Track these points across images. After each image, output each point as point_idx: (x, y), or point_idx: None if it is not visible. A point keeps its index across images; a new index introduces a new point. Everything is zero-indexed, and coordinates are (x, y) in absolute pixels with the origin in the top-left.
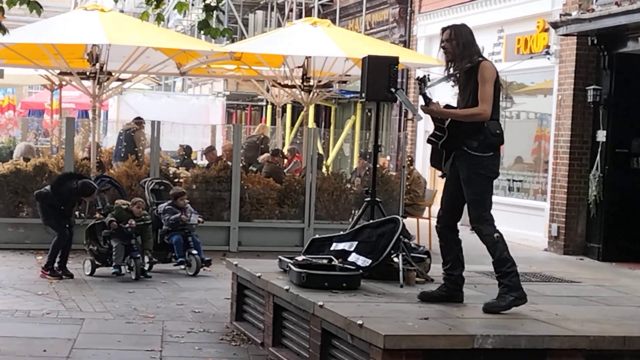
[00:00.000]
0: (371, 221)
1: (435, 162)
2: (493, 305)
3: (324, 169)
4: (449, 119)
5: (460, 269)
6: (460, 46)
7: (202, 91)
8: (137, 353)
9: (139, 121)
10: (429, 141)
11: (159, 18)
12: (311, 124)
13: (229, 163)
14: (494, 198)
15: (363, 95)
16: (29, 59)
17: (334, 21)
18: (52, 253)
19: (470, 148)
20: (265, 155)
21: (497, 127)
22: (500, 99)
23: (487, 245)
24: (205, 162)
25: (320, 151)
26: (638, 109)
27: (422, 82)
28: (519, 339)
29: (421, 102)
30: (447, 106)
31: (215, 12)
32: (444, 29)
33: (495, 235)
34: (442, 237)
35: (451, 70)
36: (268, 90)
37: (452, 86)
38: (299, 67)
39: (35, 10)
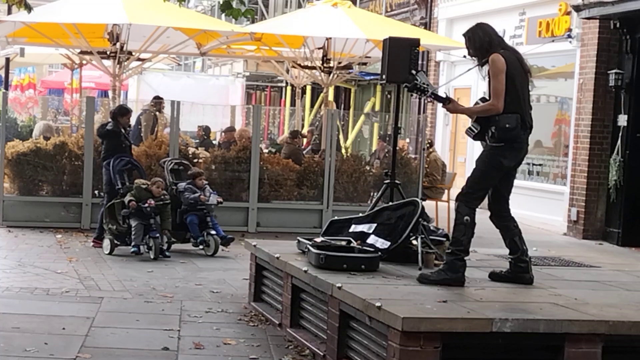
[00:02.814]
0: (390, 203)
1: None
2: (426, 275)
3: (342, 151)
4: None
5: (518, 252)
6: (477, 49)
7: (221, 72)
8: (156, 332)
9: (156, 101)
10: (466, 133)
11: None
12: (331, 105)
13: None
14: (515, 182)
15: (383, 77)
16: (50, 38)
17: (354, 2)
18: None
19: (488, 138)
20: (284, 136)
21: (509, 121)
22: (524, 92)
23: (455, 221)
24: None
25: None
26: None
27: (419, 89)
28: (538, 323)
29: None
30: (484, 99)
31: None
32: (463, 35)
33: (465, 218)
34: (495, 225)
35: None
36: (288, 72)
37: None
38: (319, 48)
39: None
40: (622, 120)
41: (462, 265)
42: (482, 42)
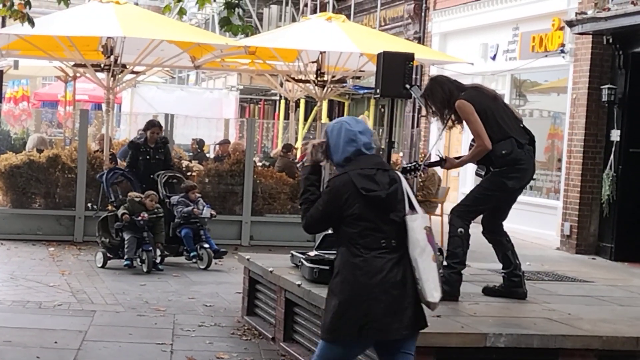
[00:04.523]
0: None
1: None
2: None
3: None
4: None
5: (511, 266)
6: (438, 106)
7: (215, 85)
8: (148, 346)
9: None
10: (477, 175)
11: (181, 12)
12: (324, 119)
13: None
14: None
15: (378, 91)
16: (44, 51)
17: (348, 17)
18: None
19: (492, 167)
20: (278, 149)
21: (504, 147)
22: (501, 115)
23: (449, 234)
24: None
25: None
26: None
27: (412, 170)
28: (532, 338)
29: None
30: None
31: (236, 9)
32: (422, 97)
33: (459, 230)
34: (487, 240)
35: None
36: (282, 85)
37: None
38: (313, 62)
39: (64, 1)
40: (615, 135)
41: (458, 279)
42: (443, 95)
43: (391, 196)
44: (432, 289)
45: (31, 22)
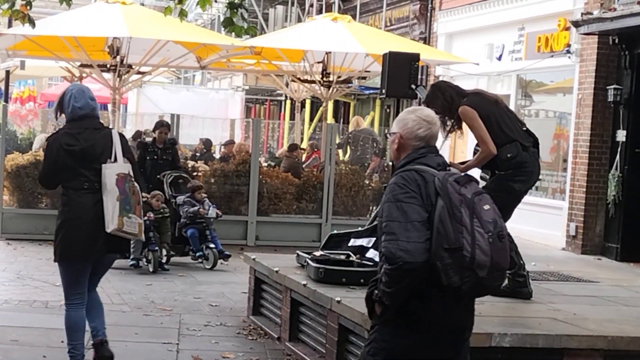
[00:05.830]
0: None
1: None
2: None
3: (342, 165)
4: None
5: (515, 266)
6: (439, 112)
7: (221, 85)
8: (154, 345)
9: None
10: (481, 179)
11: (182, 14)
12: (330, 119)
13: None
14: None
15: (383, 91)
16: (50, 51)
17: (354, 17)
18: None
19: (497, 170)
20: (283, 149)
21: (509, 150)
22: (504, 119)
23: None
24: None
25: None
26: None
27: None
28: (537, 338)
29: None
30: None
31: (239, 9)
32: (424, 103)
33: None
34: None
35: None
36: (287, 85)
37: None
38: (318, 62)
39: (65, 1)
40: (621, 135)
41: None
42: (444, 102)
43: (86, 150)
44: (108, 221)
45: (31, 23)
